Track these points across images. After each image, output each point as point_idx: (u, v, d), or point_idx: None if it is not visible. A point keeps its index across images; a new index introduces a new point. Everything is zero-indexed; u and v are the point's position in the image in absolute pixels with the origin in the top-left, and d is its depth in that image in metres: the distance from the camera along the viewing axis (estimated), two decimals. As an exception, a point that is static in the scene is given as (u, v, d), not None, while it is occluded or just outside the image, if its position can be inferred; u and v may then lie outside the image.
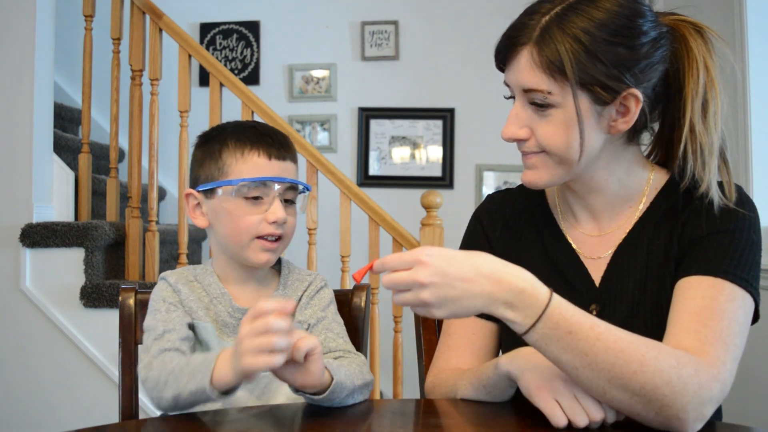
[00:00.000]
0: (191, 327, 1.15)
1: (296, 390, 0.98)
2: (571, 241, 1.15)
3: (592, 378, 0.89)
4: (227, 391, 0.96)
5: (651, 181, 1.12)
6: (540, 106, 1.02)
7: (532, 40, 1.00)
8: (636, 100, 1.01)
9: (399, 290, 0.90)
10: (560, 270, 1.12)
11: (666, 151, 1.13)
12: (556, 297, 0.91)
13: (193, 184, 1.20)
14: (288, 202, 1.18)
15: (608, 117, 1.03)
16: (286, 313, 0.90)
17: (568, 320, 0.90)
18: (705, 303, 0.96)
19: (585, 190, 1.11)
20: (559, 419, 0.90)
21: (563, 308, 0.90)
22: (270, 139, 1.17)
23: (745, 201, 1.06)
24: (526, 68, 1.01)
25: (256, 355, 0.88)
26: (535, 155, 1.06)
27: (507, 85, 1.07)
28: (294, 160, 1.20)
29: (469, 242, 1.24)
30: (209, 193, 1.17)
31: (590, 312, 1.07)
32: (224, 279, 1.20)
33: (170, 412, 1.03)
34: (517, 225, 1.20)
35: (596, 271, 1.11)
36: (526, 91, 1.02)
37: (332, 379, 0.98)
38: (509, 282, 0.90)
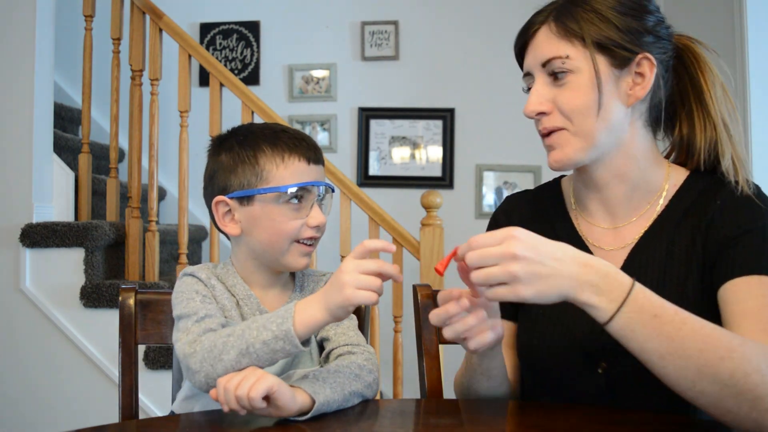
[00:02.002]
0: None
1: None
2: (586, 236, 1.15)
3: (681, 367, 0.87)
4: (306, 341, 0.97)
5: (670, 177, 1.13)
6: (559, 76, 1.06)
7: (552, 18, 1.07)
8: (650, 65, 1.07)
9: (485, 265, 0.87)
10: None
11: (687, 151, 1.15)
12: (638, 283, 0.90)
13: (221, 190, 1.17)
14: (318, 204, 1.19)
15: (625, 85, 1.07)
16: (391, 251, 0.95)
17: (653, 303, 0.88)
18: (760, 302, 0.96)
19: (608, 177, 1.12)
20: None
21: (647, 292, 0.89)
22: (306, 144, 1.17)
23: (763, 196, 1.08)
24: (544, 41, 1.07)
25: (359, 289, 0.92)
26: (555, 134, 1.08)
27: (527, 74, 1.11)
28: (323, 162, 1.21)
29: None
30: (246, 200, 1.15)
31: None
32: (247, 282, 1.19)
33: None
34: (533, 226, 1.20)
35: None
36: (545, 63, 1.07)
37: (313, 401, 0.96)
38: (594, 265, 0.89)
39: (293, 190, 1.13)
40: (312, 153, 1.17)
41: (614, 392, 1.05)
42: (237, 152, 1.16)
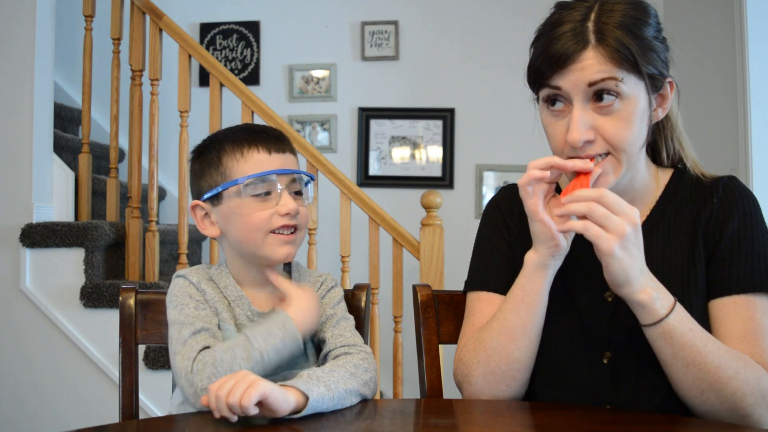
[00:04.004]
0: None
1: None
2: None
3: (698, 378, 0.97)
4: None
5: (659, 177, 1.16)
6: (605, 100, 1.00)
7: (593, 40, 0.99)
8: (671, 86, 1.07)
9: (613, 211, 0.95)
10: (577, 256, 1.12)
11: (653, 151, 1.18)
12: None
13: (197, 196, 1.20)
14: (296, 195, 1.18)
15: (651, 108, 1.06)
16: None
17: (690, 319, 0.98)
18: (746, 325, 1.03)
19: (617, 190, 1.08)
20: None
21: (684, 310, 0.99)
22: (266, 135, 1.18)
23: (742, 187, 1.12)
24: (594, 64, 0.99)
25: None
26: (604, 160, 1.03)
27: (556, 92, 1.03)
28: (293, 152, 1.20)
29: (490, 227, 1.23)
30: (216, 199, 1.17)
31: (606, 298, 1.10)
32: (240, 283, 1.19)
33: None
34: None
35: None
36: (593, 84, 0.99)
37: (306, 398, 0.96)
38: (651, 275, 0.99)
39: (250, 180, 1.13)
40: (273, 144, 1.17)
41: (618, 383, 1.06)
42: (204, 157, 1.19)
